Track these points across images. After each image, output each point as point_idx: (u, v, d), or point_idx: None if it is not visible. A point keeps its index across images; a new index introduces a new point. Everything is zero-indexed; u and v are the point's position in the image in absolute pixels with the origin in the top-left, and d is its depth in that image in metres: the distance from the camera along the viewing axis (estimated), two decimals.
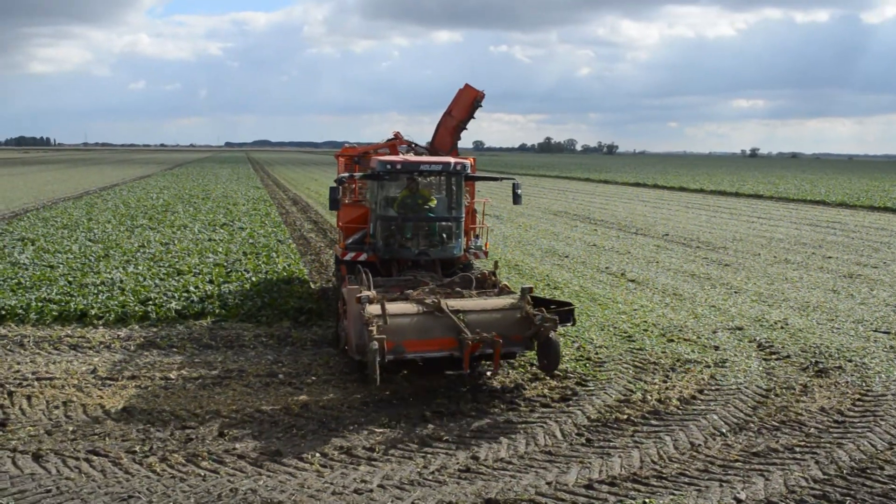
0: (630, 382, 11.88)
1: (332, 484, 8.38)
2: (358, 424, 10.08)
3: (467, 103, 16.52)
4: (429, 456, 9.14)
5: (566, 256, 24.99)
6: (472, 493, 8.14)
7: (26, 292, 17.19)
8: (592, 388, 11.62)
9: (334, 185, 14.25)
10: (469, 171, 14.38)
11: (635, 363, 12.89)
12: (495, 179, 16.77)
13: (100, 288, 17.70)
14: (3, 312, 15.40)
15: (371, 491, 8.21)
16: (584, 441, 9.64)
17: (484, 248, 15.42)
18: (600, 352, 13.51)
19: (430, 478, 8.56)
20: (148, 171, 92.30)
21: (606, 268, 22.70)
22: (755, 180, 78.96)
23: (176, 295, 17.09)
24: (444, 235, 14.41)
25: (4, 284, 17.98)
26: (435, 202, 14.64)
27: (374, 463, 8.95)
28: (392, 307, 11.24)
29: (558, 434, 9.85)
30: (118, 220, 32.88)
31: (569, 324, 12.04)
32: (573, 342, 14.05)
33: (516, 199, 14.96)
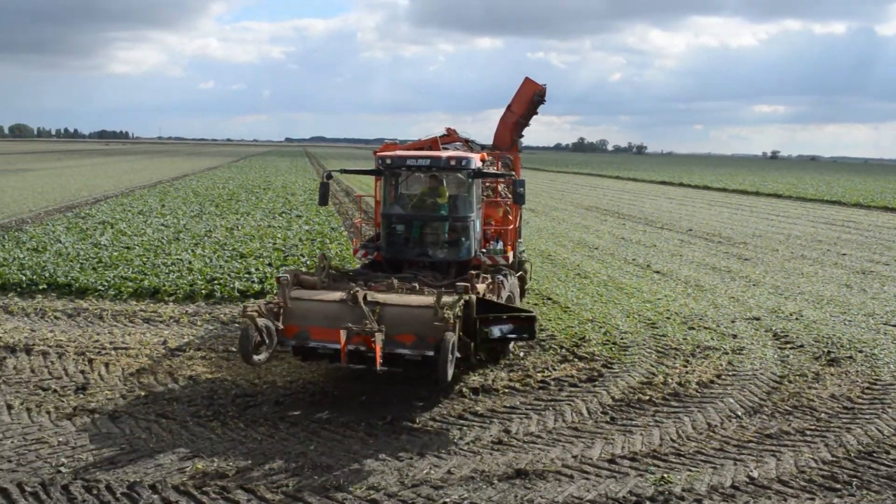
0: (652, 366, 11.77)
1: (375, 451, 8.46)
2: (400, 398, 10.14)
3: (527, 98, 14.84)
4: (464, 428, 9.17)
5: (596, 248, 24.80)
6: (503, 464, 8.16)
7: (106, 270, 17.56)
8: (617, 370, 11.54)
9: (325, 181, 12.80)
10: (472, 166, 12.03)
11: (658, 348, 12.77)
12: (499, 176, 13.87)
13: (171, 268, 18.01)
14: (86, 288, 15.77)
15: (411, 458, 8.27)
16: (608, 419, 9.59)
17: (505, 252, 12.88)
18: (625, 337, 13.41)
19: (466, 448, 8.60)
20: (215, 162, 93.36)
21: (633, 259, 22.48)
22: (775, 181, 77.47)
23: (239, 275, 17.32)
24: (448, 236, 12.45)
25: (87, 263, 18.38)
26: (446, 201, 12.55)
27: (414, 433, 9.02)
28: (310, 293, 10.23)
29: (584, 412, 9.81)
30: (188, 207, 33.37)
31: (526, 337, 10.14)
32: (600, 327, 13.96)
33: (517, 198, 12.66)
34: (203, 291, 15.82)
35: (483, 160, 12.10)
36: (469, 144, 14.98)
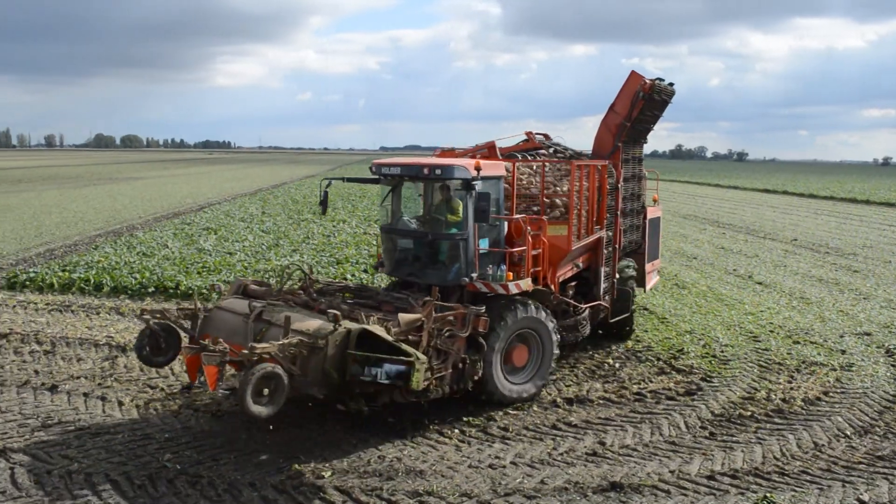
0: (754, 381, 11.38)
1: (468, 458, 8.50)
2: (493, 405, 10.13)
3: (629, 95, 12.51)
4: (558, 438, 9.10)
5: (694, 258, 24.17)
6: (597, 476, 8.05)
7: (209, 274, 18.27)
8: (717, 384, 11.21)
9: (325, 189, 11.24)
10: (455, 175, 9.93)
11: (760, 363, 12.33)
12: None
13: (270, 273, 18.58)
14: (190, 291, 16.45)
15: (504, 467, 8.27)
16: (707, 434, 9.33)
17: (506, 279, 10.24)
18: (726, 350, 13.01)
19: (560, 458, 8.53)
20: (313, 171, 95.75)
21: (734, 270, 21.80)
22: (888, 188, 73.64)
23: (336, 280, 17.67)
24: (435, 256, 10.74)
25: (192, 267, 19.16)
26: (457, 217, 10.36)
27: (507, 441, 9.01)
28: (234, 304, 9.75)
29: (682, 426, 9.57)
30: (287, 214, 34.36)
31: (400, 385, 8.44)
32: (699, 340, 13.59)
33: (479, 214, 9.92)
34: None
35: (477, 168, 9.81)
36: (550, 149, 13.11)
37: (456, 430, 9.27)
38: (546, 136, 13.52)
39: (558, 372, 11.52)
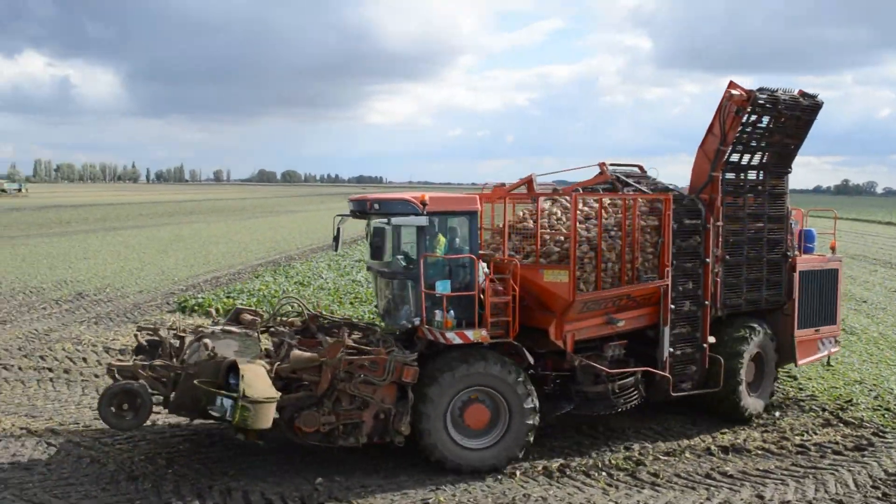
0: None
1: (615, 503, 8.26)
2: (643, 448, 9.83)
3: (721, 111, 10.43)
4: (712, 489, 8.68)
5: (864, 301, 22.52)
6: None
7: (361, 304, 18.89)
8: (891, 440, 10.33)
9: (339, 225, 10.40)
10: (398, 210, 9.27)
11: None
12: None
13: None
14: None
15: None
16: (879, 495, 8.59)
17: (444, 326, 9.02)
18: None
19: None
20: None
21: None
22: None
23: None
24: (392, 296, 9.98)
25: (345, 298, 19.90)
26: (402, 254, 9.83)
27: (657, 488, 8.69)
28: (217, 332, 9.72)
29: (851, 484, 8.88)
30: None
31: (229, 422, 8.14)
32: (870, 391, 12.58)
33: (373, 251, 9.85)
34: None
35: (423, 203, 9.07)
36: (621, 183, 10.71)
37: (603, 474, 9.05)
38: (641, 167, 11.34)
39: (709, 418, 10.94)
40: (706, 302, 10.57)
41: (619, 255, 9.78)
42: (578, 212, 9.64)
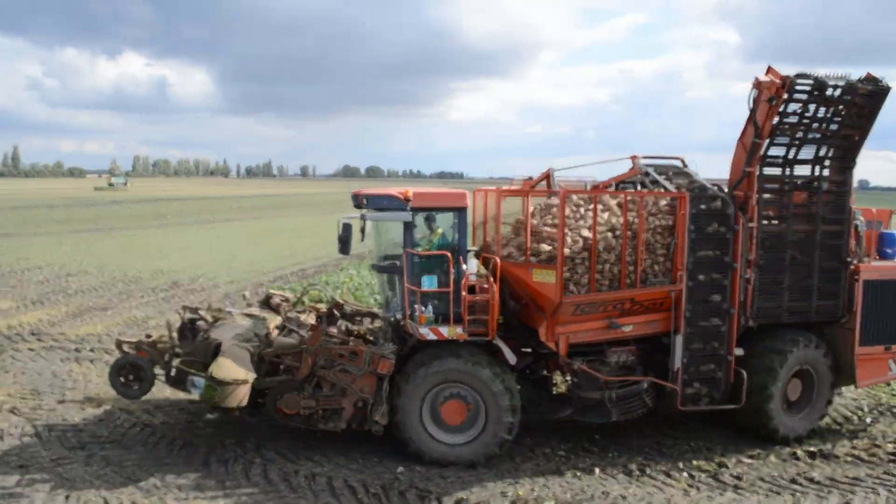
0: None
1: None
2: (727, 450, 9.65)
3: (761, 100, 9.28)
4: (798, 494, 8.45)
5: None
6: None
7: None
8: None
9: (347, 223, 9.51)
10: (382, 205, 9.34)
11: None
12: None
13: None
14: None
15: None
16: None
17: (419, 321, 9.05)
18: None
19: None
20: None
21: None
22: None
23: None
24: (384, 292, 10.31)
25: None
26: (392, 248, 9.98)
27: (740, 491, 8.52)
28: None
29: None
30: None
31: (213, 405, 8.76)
32: None
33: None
34: None
35: (406, 199, 9.05)
36: (652, 181, 10.06)
37: (685, 474, 8.93)
38: (682, 161, 10.44)
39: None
40: (732, 310, 9.46)
41: (618, 257, 9.18)
42: (578, 212, 9.43)
